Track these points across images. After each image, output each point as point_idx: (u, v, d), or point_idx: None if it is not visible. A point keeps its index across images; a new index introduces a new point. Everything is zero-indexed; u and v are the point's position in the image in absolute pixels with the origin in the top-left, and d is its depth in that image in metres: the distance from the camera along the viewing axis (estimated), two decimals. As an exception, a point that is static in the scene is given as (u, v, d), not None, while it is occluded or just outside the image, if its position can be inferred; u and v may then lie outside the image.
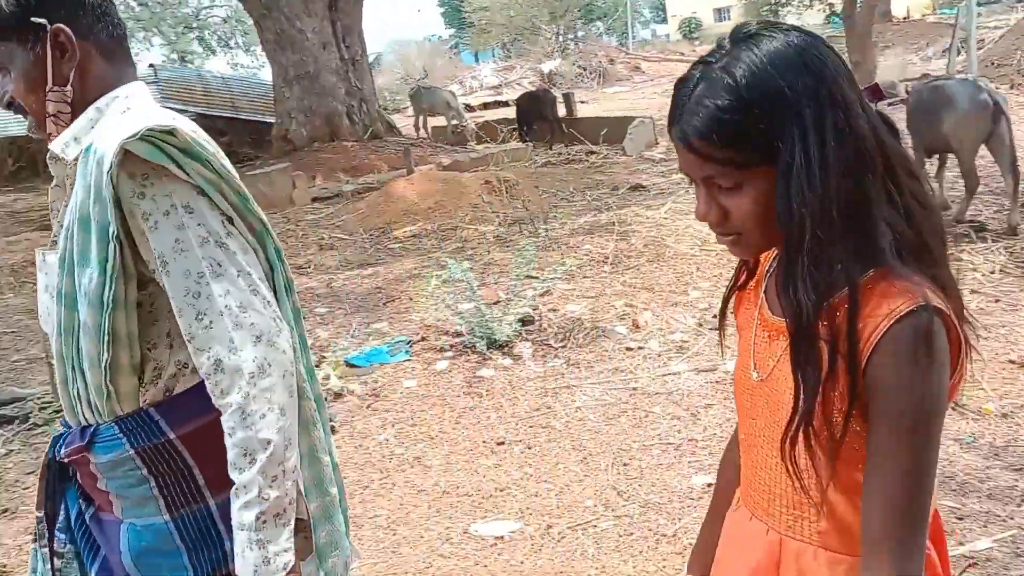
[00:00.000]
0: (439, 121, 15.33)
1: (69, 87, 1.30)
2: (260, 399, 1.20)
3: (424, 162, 10.94)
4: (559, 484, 3.32)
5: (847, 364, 0.96)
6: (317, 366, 4.69)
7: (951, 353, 0.96)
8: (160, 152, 1.19)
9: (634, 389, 4.09)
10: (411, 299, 5.82)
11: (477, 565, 2.84)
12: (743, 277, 1.21)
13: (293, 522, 1.25)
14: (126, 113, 1.30)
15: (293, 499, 1.25)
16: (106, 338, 1.24)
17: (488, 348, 4.64)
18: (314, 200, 9.77)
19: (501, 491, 3.31)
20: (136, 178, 1.21)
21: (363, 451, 3.79)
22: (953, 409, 3.16)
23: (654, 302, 5.20)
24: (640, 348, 4.56)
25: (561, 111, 13.32)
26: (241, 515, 1.20)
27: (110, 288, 1.23)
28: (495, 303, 5.24)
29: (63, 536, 1.38)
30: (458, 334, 4.92)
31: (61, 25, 1.28)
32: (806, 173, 0.94)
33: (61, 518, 1.38)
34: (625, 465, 3.41)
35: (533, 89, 16.26)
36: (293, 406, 1.25)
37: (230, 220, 1.27)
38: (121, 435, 1.29)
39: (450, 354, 4.74)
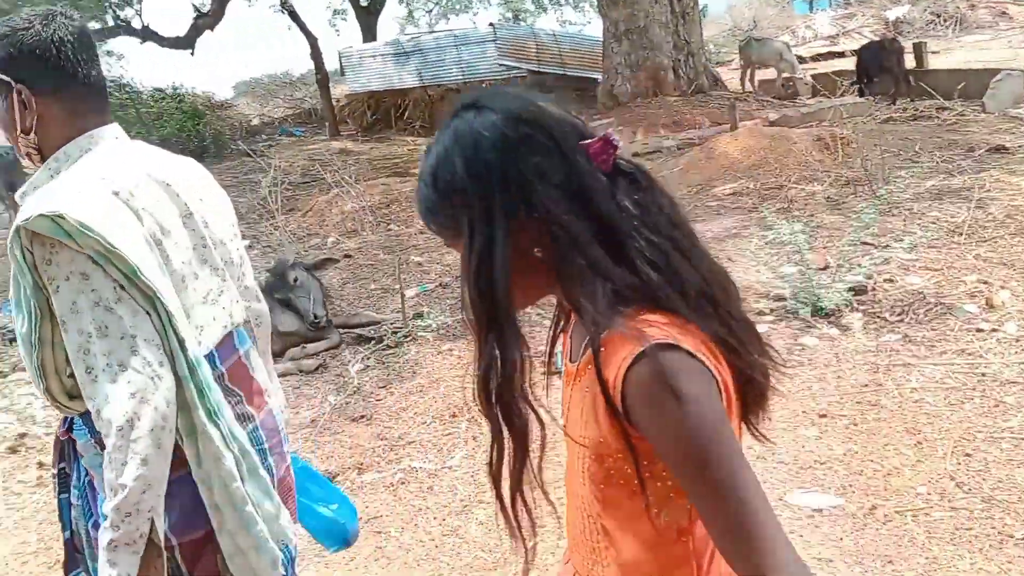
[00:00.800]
0: (767, 74, 14.63)
1: (32, 135, 1.53)
2: (124, 449, 1.36)
3: (749, 117, 10.54)
4: (887, 466, 3.09)
5: (606, 411, 0.97)
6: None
7: (721, 392, 0.96)
8: (59, 228, 1.36)
9: (983, 375, 3.66)
10: (730, 259, 5.69)
11: (792, 534, 2.76)
12: (562, 320, 1.20)
13: (142, 551, 1.40)
14: (63, 175, 1.50)
15: (144, 534, 1.40)
16: (36, 372, 1.49)
17: (813, 315, 4.42)
18: (634, 155, 9.86)
19: (821, 464, 3.16)
20: (46, 246, 1.39)
21: (676, 405, 3.83)
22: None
23: (1014, 280, 4.59)
24: (994, 330, 4.06)
25: (909, 63, 12.04)
26: (101, 536, 1.40)
27: (35, 333, 1.45)
28: (823, 268, 4.96)
29: (76, 492, 1.63)
30: (780, 298, 4.74)
31: (21, 86, 1.48)
32: (471, 258, 0.98)
33: (74, 478, 1.63)
34: (967, 456, 3.09)
35: (876, 38, 14.85)
36: (158, 456, 1.39)
37: (122, 287, 1.40)
38: (84, 426, 1.54)
39: (770, 318, 4.58)
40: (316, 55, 16.70)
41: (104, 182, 1.46)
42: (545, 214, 0.96)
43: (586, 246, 0.97)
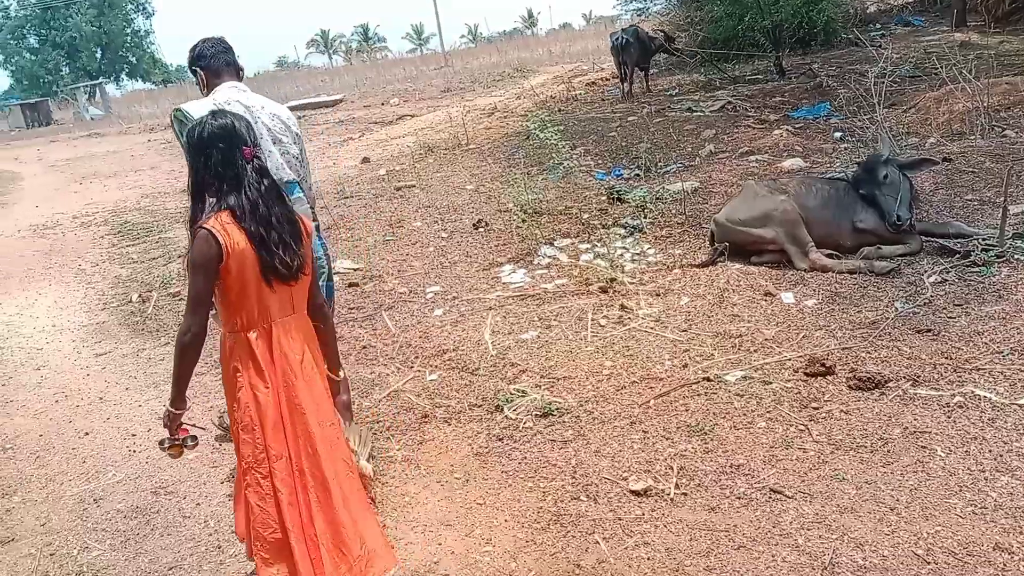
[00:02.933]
0: None
1: (207, 90, 3.32)
2: None
3: None
4: None
5: None
6: None
7: (223, 249, 2.20)
8: (183, 113, 3.16)
9: None
10: None
11: None
12: None
13: None
14: (205, 99, 3.28)
15: None
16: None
17: None
18: None
19: None
20: (183, 123, 2.99)
21: None
22: None
23: None
24: None
25: None
26: None
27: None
28: None
29: None
30: None
31: (198, 68, 3.35)
32: (189, 176, 2.43)
33: None
34: None
35: None
36: None
37: None
38: None
39: None
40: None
41: (211, 99, 3.17)
42: (205, 167, 2.28)
43: (221, 184, 2.27)
